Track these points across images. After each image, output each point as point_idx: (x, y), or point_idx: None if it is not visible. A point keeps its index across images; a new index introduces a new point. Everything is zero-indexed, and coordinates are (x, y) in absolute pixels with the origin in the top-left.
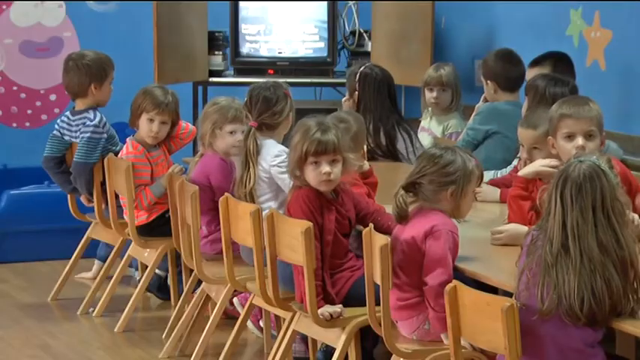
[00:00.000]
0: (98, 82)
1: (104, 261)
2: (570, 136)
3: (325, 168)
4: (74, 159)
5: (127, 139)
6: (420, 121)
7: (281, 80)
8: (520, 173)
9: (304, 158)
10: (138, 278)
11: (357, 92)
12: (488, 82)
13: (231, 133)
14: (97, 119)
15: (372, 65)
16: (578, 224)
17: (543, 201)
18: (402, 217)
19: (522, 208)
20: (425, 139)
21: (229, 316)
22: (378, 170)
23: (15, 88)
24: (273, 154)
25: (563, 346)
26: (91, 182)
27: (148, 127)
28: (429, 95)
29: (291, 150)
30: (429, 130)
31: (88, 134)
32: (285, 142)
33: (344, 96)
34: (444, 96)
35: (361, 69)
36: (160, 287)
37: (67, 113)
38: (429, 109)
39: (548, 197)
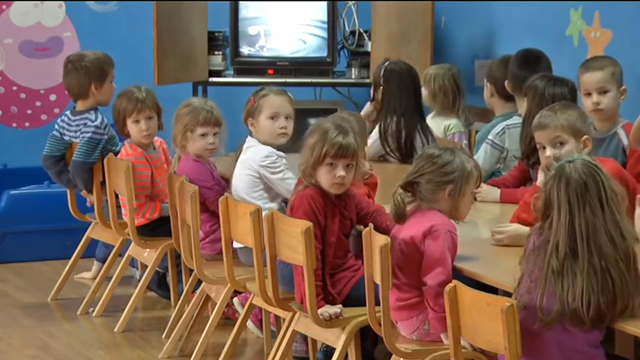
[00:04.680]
0: (98, 82)
1: (103, 262)
2: (542, 147)
3: (341, 172)
4: (73, 157)
5: (125, 143)
6: None
7: (280, 81)
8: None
9: (321, 159)
10: (138, 277)
11: (381, 87)
12: (488, 84)
13: (202, 135)
14: (99, 120)
15: (398, 61)
16: (588, 224)
17: (539, 208)
18: (400, 217)
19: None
20: None
21: (226, 318)
22: (386, 171)
23: (15, 88)
24: (262, 155)
25: (567, 348)
26: (90, 181)
27: (136, 128)
28: (423, 93)
29: (306, 149)
30: None
31: (89, 134)
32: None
33: (344, 96)
34: (423, 93)
35: (386, 64)
36: (159, 284)
37: (67, 113)
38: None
39: (546, 203)
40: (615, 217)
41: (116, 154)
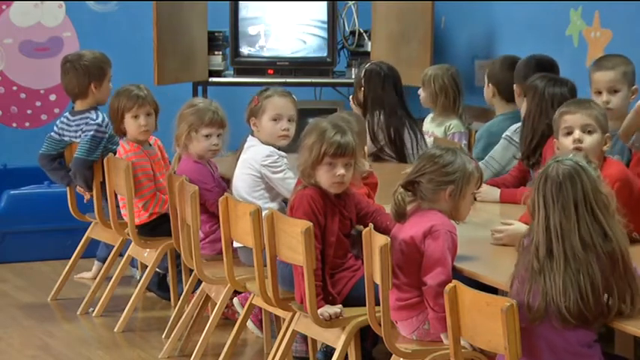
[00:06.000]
0: (97, 81)
1: (103, 262)
2: (569, 132)
3: (340, 170)
4: (75, 155)
5: (120, 142)
6: (422, 120)
7: (280, 81)
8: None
9: (320, 159)
10: (138, 277)
11: (363, 89)
12: (490, 84)
13: (206, 136)
14: (100, 119)
15: (379, 62)
16: (561, 224)
17: (529, 206)
18: (400, 216)
19: None
20: (428, 142)
21: (226, 318)
22: (383, 171)
23: (15, 88)
24: (264, 154)
25: (559, 348)
26: (91, 179)
27: (135, 124)
28: (422, 94)
29: (304, 150)
30: (429, 132)
31: (91, 132)
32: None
33: (344, 96)
34: (423, 94)
35: (367, 66)
36: (159, 284)
37: (66, 114)
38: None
39: (531, 202)
40: (597, 218)
41: (114, 152)
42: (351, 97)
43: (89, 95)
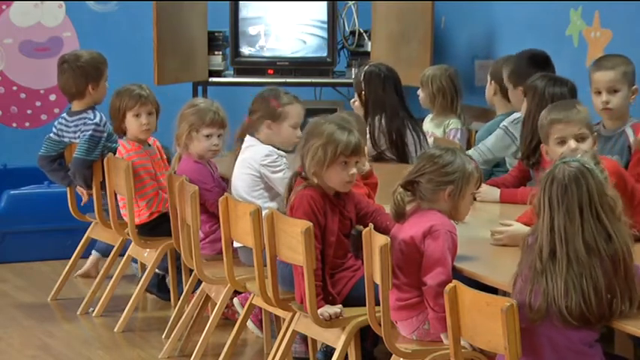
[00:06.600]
0: (94, 82)
1: (102, 253)
2: (562, 141)
3: (353, 169)
4: (74, 155)
5: (121, 141)
6: (422, 120)
7: (280, 81)
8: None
9: (335, 159)
10: (139, 276)
11: (363, 92)
12: (493, 82)
13: (207, 136)
14: (98, 118)
15: (378, 63)
16: (565, 227)
17: (535, 206)
18: (399, 216)
19: None
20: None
21: (226, 319)
22: (383, 171)
23: (15, 88)
24: (263, 154)
25: (561, 347)
26: (91, 178)
27: (136, 123)
28: (421, 95)
29: (310, 152)
30: (429, 132)
31: (90, 132)
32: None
33: (344, 96)
34: (421, 95)
35: (366, 68)
36: (159, 285)
37: (64, 115)
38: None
39: (537, 202)
40: (602, 220)
41: (114, 151)
42: (352, 99)
43: (86, 95)
